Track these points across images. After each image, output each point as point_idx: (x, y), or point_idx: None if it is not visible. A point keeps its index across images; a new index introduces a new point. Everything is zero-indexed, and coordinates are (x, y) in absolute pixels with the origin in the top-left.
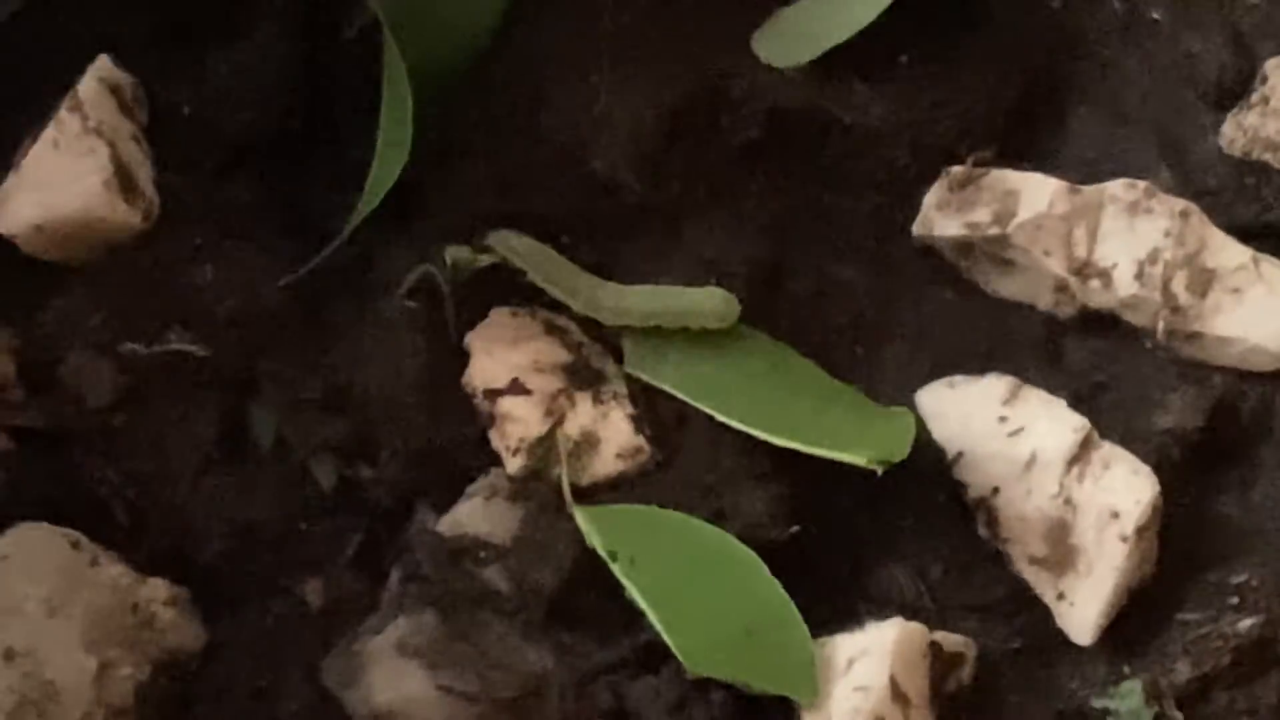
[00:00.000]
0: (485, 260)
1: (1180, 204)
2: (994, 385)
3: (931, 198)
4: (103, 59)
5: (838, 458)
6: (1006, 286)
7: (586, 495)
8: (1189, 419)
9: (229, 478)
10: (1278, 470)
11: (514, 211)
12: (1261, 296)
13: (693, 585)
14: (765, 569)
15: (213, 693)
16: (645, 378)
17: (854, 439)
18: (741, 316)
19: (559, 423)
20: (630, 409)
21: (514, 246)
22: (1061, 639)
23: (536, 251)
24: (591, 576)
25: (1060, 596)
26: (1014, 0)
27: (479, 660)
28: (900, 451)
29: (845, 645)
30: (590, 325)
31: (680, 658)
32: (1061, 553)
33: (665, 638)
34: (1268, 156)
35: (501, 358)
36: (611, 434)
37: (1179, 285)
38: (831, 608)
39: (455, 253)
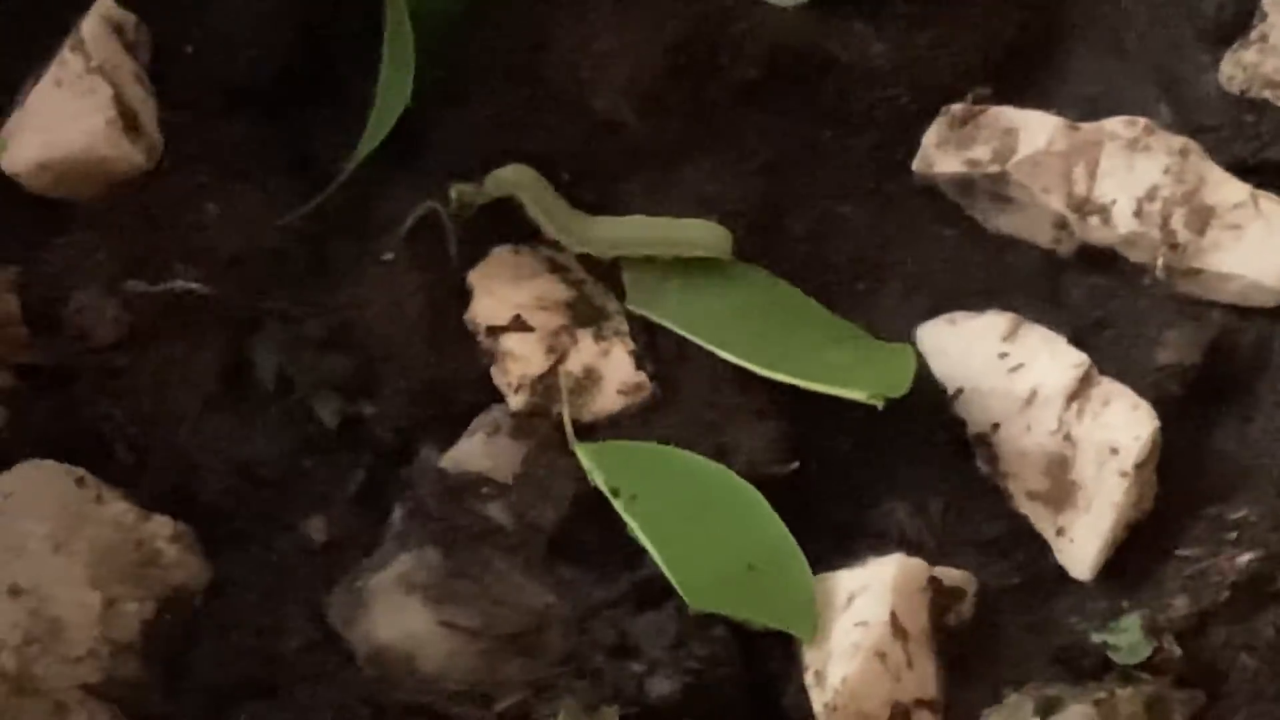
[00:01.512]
0: (487, 196)
1: (1179, 141)
2: (994, 322)
3: (931, 135)
4: None
5: (838, 393)
6: (1006, 223)
7: (588, 432)
8: (1188, 355)
9: (232, 416)
10: (1275, 406)
11: (514, 150)
12: (1260, 233)
13: (694, 521)
14: (766, 505)
15: (216, 629)
16: (646, 314)
17: (854, 375)
18: (742, 254)
19: (561, 359)
20: (631, 345)
21: (512, 179)
22: (1061, 574)
23: (534, 184)
24: (593, 513)
25: (1060, 532)
26: None
27: (481, 596)
28: (901, 386)
29: (846, 581)
30: (592, 262)
31: (681, 593)
32: (1061, 488)
33: (666, 573)
34: (1266, 93)
35: (503, 295)
36: (613, 370)
37: (1178, 222)
38: (832, 543)
39: (459, 188)
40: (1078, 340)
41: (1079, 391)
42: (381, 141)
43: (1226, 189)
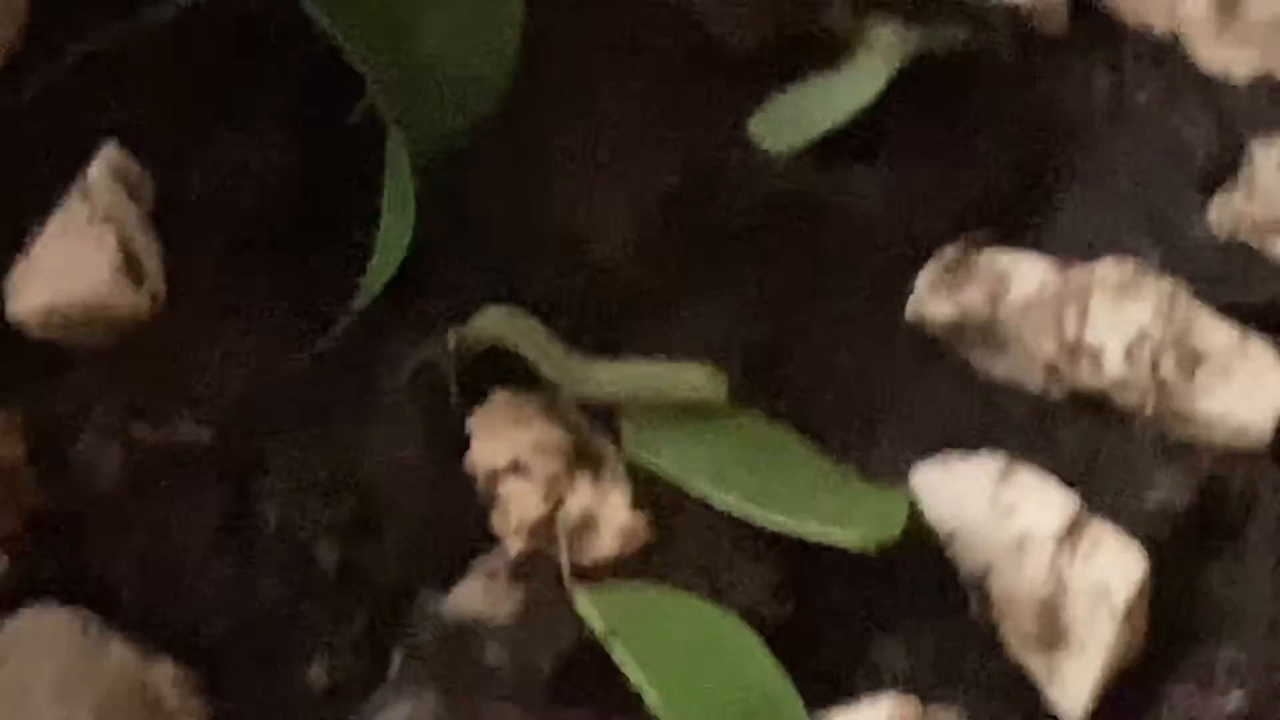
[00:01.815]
0: (486, 342)
1: (1168, 284)
2: (986, 464)
3: (924, 279)
4: (110, 146)
5: (829, 539)
6: (998, 367)
7: (586, 575)
8: (1178, 497)
9: (234, 560)
10: (1265, 548)
11: (514, 296)
12: (1248, 376)
13: (691, 665)
14: (762, 647)
15: None
16: (643, 460)
17: (846, 520)
18: (738, 397)
19: (559, 504)
20: (629, 490)
21: (505, 323)
22: (1052, 716)
23: (526, 327)
24: (591, 656)
25: (1052, 674)
26: (1004, 84)
27: None
28: (892, 533)
29: None
30: (590, 407)
31: None
32: (1052, 630)
33: (662, 716)
34: (1253, 239)
35: (502, 439)
36: (611, 514)
37: (1167, 365)
38: (828, 684)
39: (459, 334)
40: (1069, 482)
41: (1070, 533)
42: (382, 287)
43: (1215, 333)
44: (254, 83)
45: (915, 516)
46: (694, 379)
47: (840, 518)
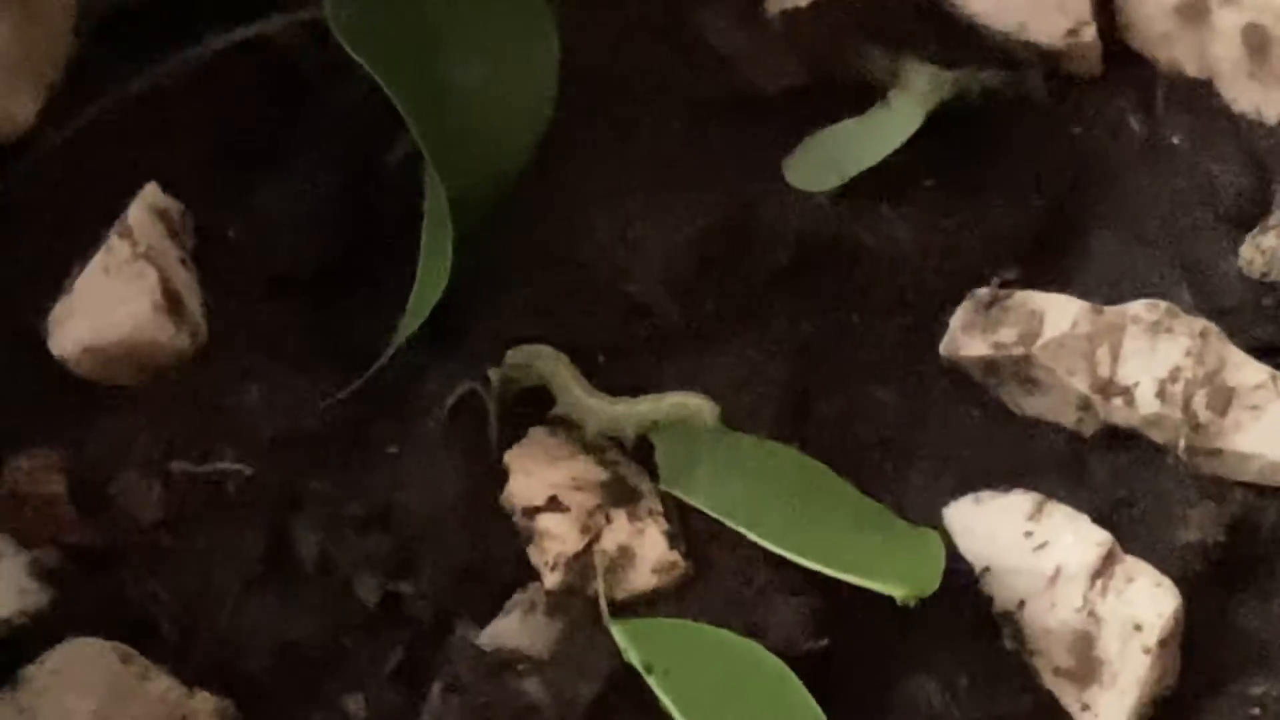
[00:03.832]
0: (526, 381)
1: (1200, 324)
2: (1019, 501)
3: (958, 319)
4: (151, 186)
5: (869, 585)
6: (1032, 405)
7: (623, 609)
8: (1210, 533)
9: (274, 594)
10: None
11: (550, 335)
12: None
13: (726, 698)
14: (797, 681)
15: None
16: (680, 495)
17: (885, 565)
18: (774, 435)
19: (596, 539)
20: (665, 525)
21: (534, 362)
22: None
23: (554, 366)
24: (628, 689)
25: (1085, 708)
26: (1036, 125)
27: None
28: (932, 582)
29: None
30: (626, 444)
31: None
32: (1086, 665)
33: None
34: None
35: (540, 476)
36: (647, 549)
37: (1199, 403)
38: (861, 718)
39: (500, 373)
40: (1102, 519)
41: (1103, 569)
42: (421, 325)
43: (1247, 371)
44: (294, 124)
45: (950, 551)
46: (691, 406)
47: (878, 564)
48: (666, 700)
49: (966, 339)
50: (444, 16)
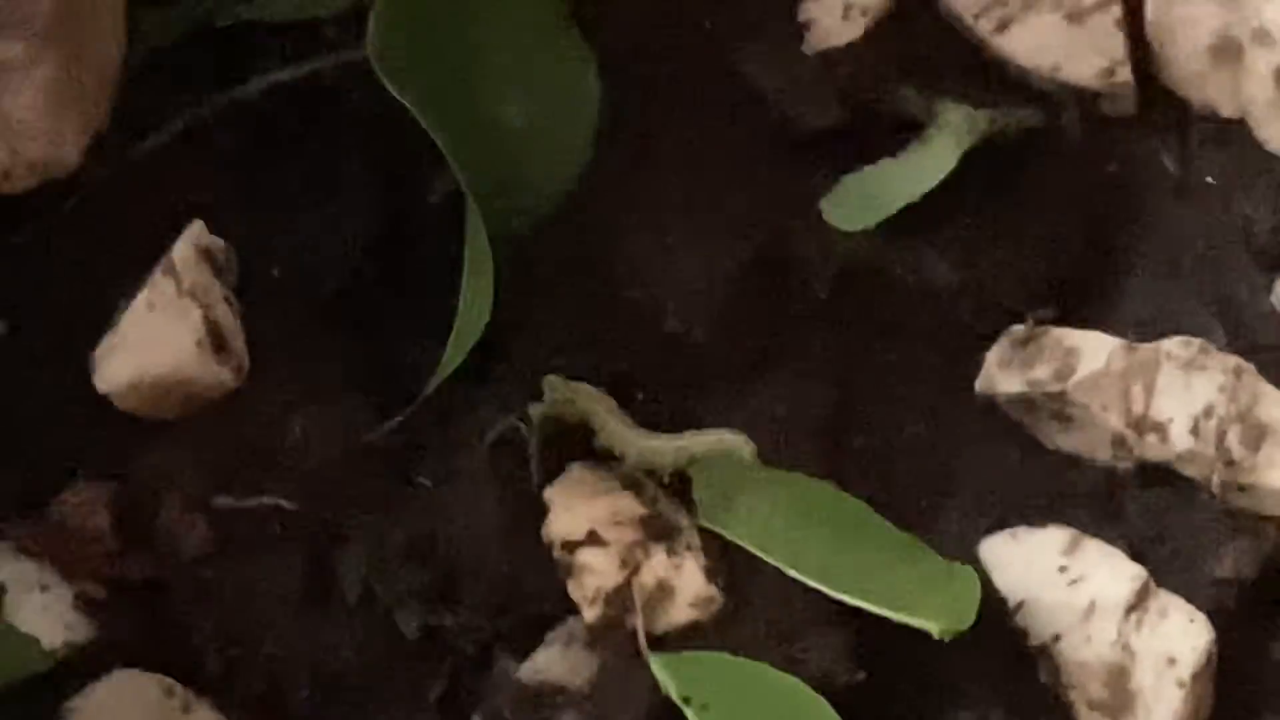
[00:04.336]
0: (568, 416)
1: (1233, 361)
2: (1054, 536)
3: (994, 355)
4: (196, 224)
5: (907, 622)
6: (1066, 441)
7: (661, 643)
8: (1243, 569)
9: (317, 626)
10: None
11: (591, 367)
12: None
13: None
14: (835, 715)
15: None
16: (718, 530)
17: (922, 601)
18: (810, 470)
19: (634, 573)
20: (703, 560)
21: (572, 397)
22: None
23: (591, 402)
24: None
25: None
26: (1071, 164)
27: None
28: (968, 617)
29: None
30: (664, 480)
31: None
32: (1120, 698)
33: None
34: None
35: (579, 511)
36: (685, 584)
37: (1233, 439)
38: None
39: (541, 410)
40: (1136, 554)
41: (1137, 604)
42: (462, 359)
43: None
44: (337, 159)
45: (985, 585)
46: (728, 443)
47: (915, 598)
48: None
49: (1002, 375)
50: (486, 56)
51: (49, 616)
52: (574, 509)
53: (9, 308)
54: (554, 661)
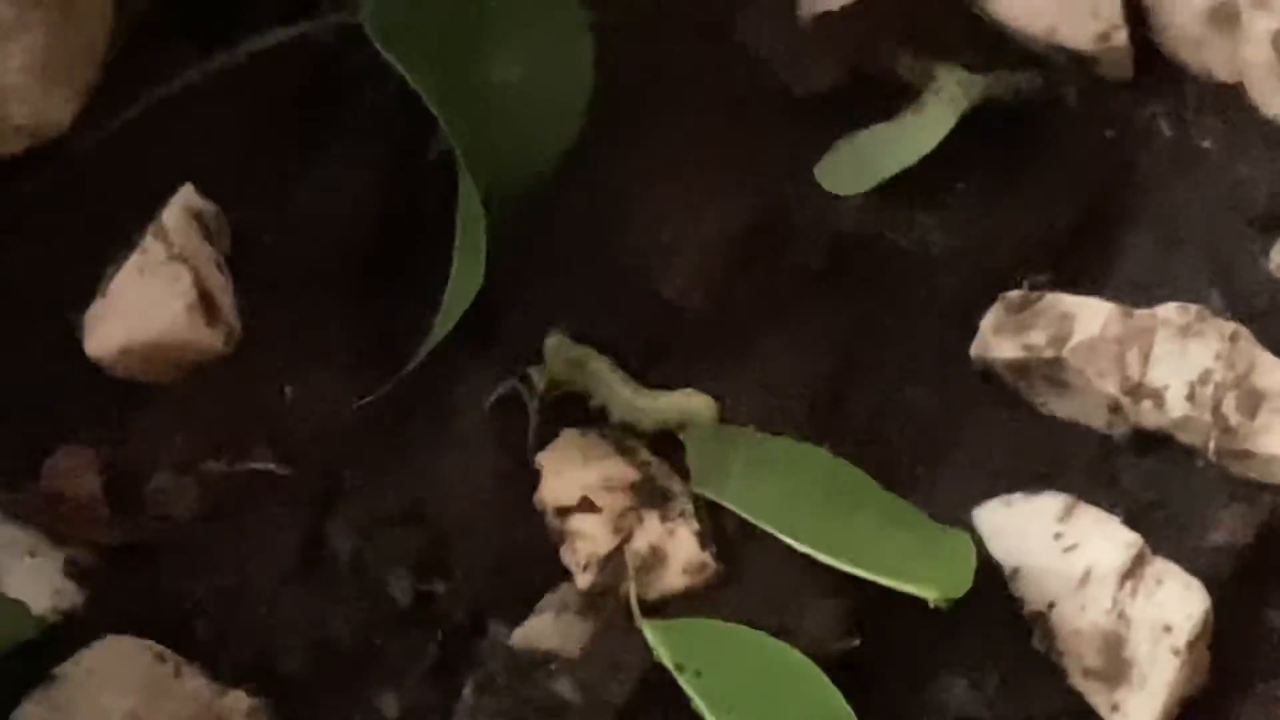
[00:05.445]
0: (567, 381)
1: (1230, 327)
2: (1049, 503)
3: (989, 321)
4: (186, 188)
5: (901, 588)
6: (1062, 407)
7: (654, 609)
8: (1239, 535)
9: (308, 592)
10: None
11: (585, 333)
12: None
13: (757, 698)
14: (828, 681)
15: None
16: (711, 496)
17: (917, 567)
18: (806, 435)
19: (627, 539)
20: (696, 526)
21: (567, 357)
22: None
23: (585, 362)
24: (659, 689)
25: (1114, 708)
26: (1068, 130)
27: None
28: (963, 584)
29: None
30: (658, 444)
31: None
32: (1115, 665)
33: None
34: None
35: (571, 477)
36: (678, 550)
37: (1229, 406)
38: (892, 718)
39: (540, 373)
40: (1131, 521)
41: (1132, 571)
42: (455, 324)
43: (1276, 374)
44: (329, 124)
45: (980, 552)
46: (694, 405)
47: (909, 565)
48: (697, 700)
49: (997, 341)
50: (479, 16)
51: (38, 582)
52: (566, 475)
53: None
54: (546, 628)
